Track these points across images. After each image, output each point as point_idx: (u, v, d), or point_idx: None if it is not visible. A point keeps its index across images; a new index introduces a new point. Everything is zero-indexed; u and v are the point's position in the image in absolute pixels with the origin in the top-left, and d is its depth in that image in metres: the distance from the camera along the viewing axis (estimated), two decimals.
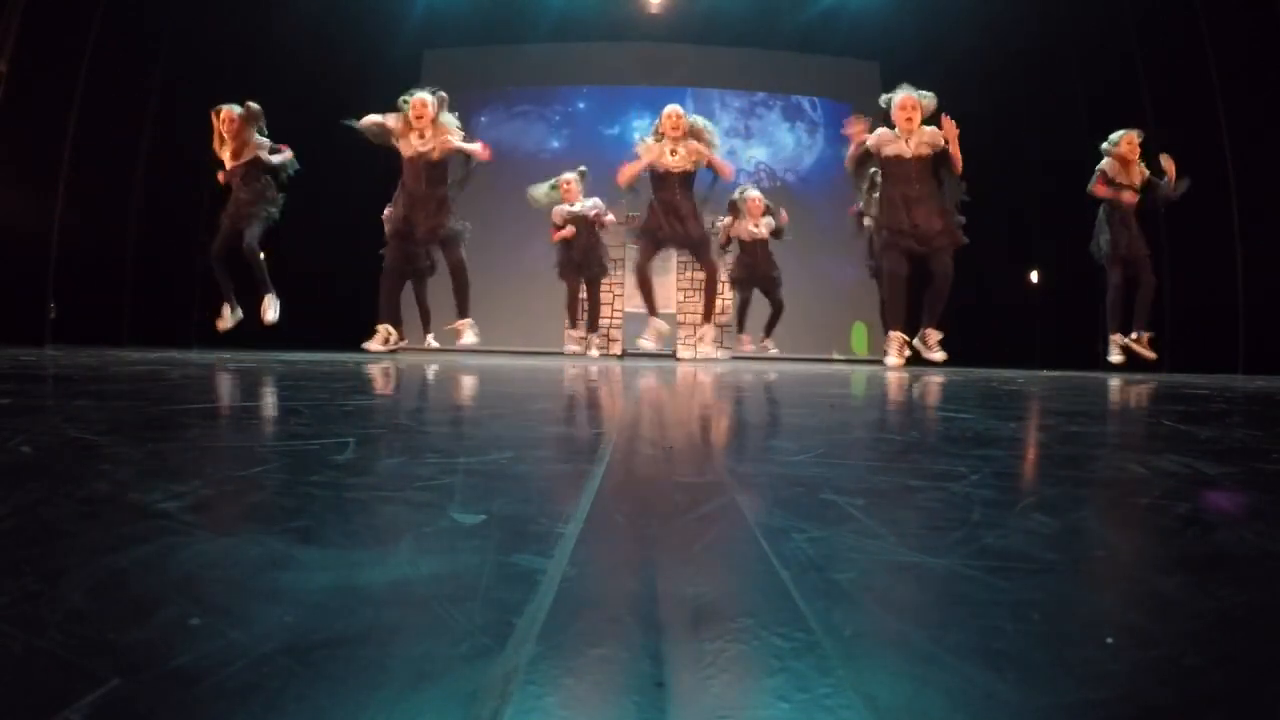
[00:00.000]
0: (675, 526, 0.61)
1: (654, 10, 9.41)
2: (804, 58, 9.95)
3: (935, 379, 3.69)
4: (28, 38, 5.47)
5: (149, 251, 6.68)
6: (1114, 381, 3.78)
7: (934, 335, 4.75)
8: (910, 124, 4.57)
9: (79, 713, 0.28)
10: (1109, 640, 0.38)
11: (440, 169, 4.79)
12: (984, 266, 6.20)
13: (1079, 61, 7.51)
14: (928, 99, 4.63)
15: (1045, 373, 5.11)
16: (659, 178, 5.01)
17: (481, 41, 9.74)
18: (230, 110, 5.17)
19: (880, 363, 5.10)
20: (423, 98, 4.80)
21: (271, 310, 5.10)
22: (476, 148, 4.75)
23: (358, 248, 6.71)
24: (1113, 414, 1.93)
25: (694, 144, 4.92)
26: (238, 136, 5.16)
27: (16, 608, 0.38)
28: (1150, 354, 5.24)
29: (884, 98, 4.84)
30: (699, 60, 10.00)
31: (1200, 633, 0.39)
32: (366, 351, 4.76)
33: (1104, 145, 5.34)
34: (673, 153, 4.94)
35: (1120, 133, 5.28)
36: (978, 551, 0.54)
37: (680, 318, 8.94)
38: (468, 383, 2.68)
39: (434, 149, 4.69)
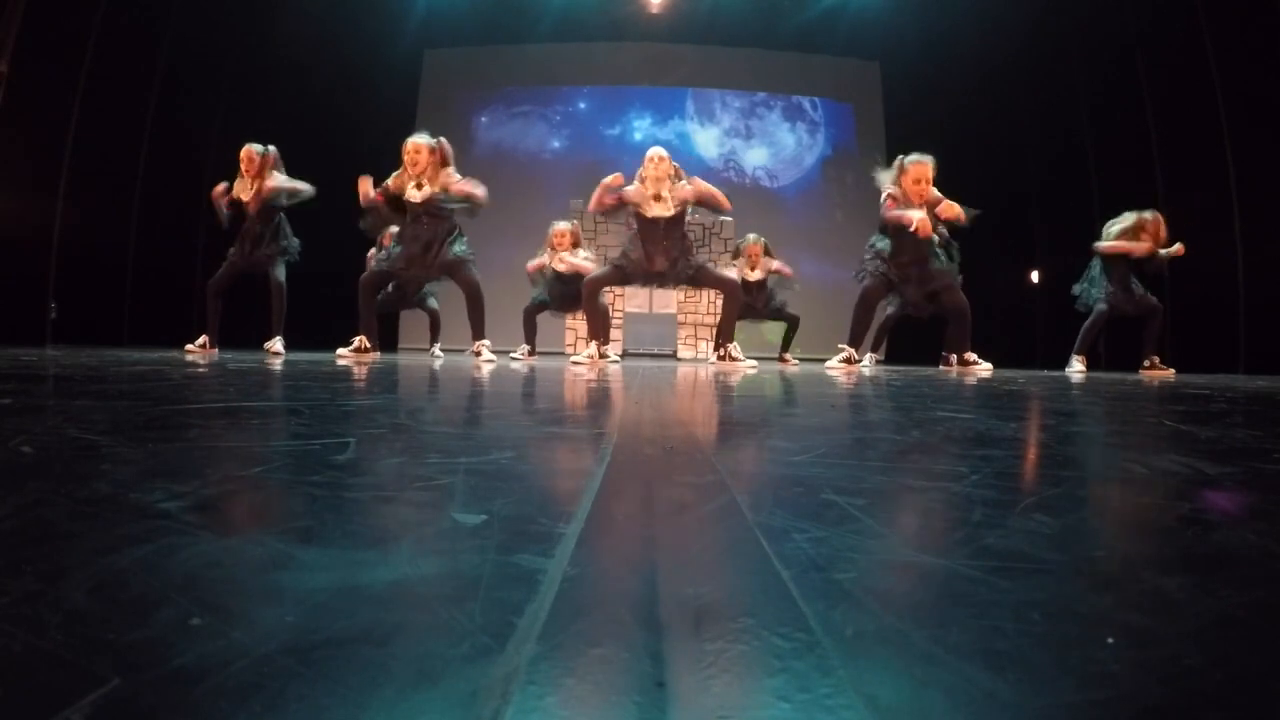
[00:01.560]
0: (675, 526, 0.61)
1: (654, 10, 9.42)
2: (804, 58, 9.96)
3: (936, 379, 3.70)
4: (28, 38, 5.48)
5: (149, 251, 6.69)
6: (1114, 382, 3.78)
7: (971, 356, 5.00)
8: (923, 196, 4.72)
9: (79, 713, 0.28)
10: (1109, 640, 0.38)
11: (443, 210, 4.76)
12: (984, 266, 6.21)
13: (1079, 61, 7.51)
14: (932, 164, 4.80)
15: (1046, 372, 5.11)
16: (646, 223, 4.83)
17: (481, 41, 9.75)
18: (251, 148, 5.22)
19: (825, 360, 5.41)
20: (418, 143, 4.74)
21: (278, 345, 5.17)
22: (478, 193, 4.70)
23: (357, 247, 6.71)
24: (1113, 414, 1.93)
25: (681, 187, 4.77)
26: (259, 175, 5.19)
27: (16, 608, 0.38)
28: (1168, 371, 5.43)
29: (902, 160, 4.86)
30: (699, 60, 10.01)
31: (1200, 633, 0.39)
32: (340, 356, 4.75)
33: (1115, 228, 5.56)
34: (657, 198, 4.76)
35: (1133, 215, 5.50)
36: (978, 551, 0.54)
37: (680, 317, 8.96)
38: (468, 383, 2.68)
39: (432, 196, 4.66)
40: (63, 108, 5.80)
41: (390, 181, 4.75)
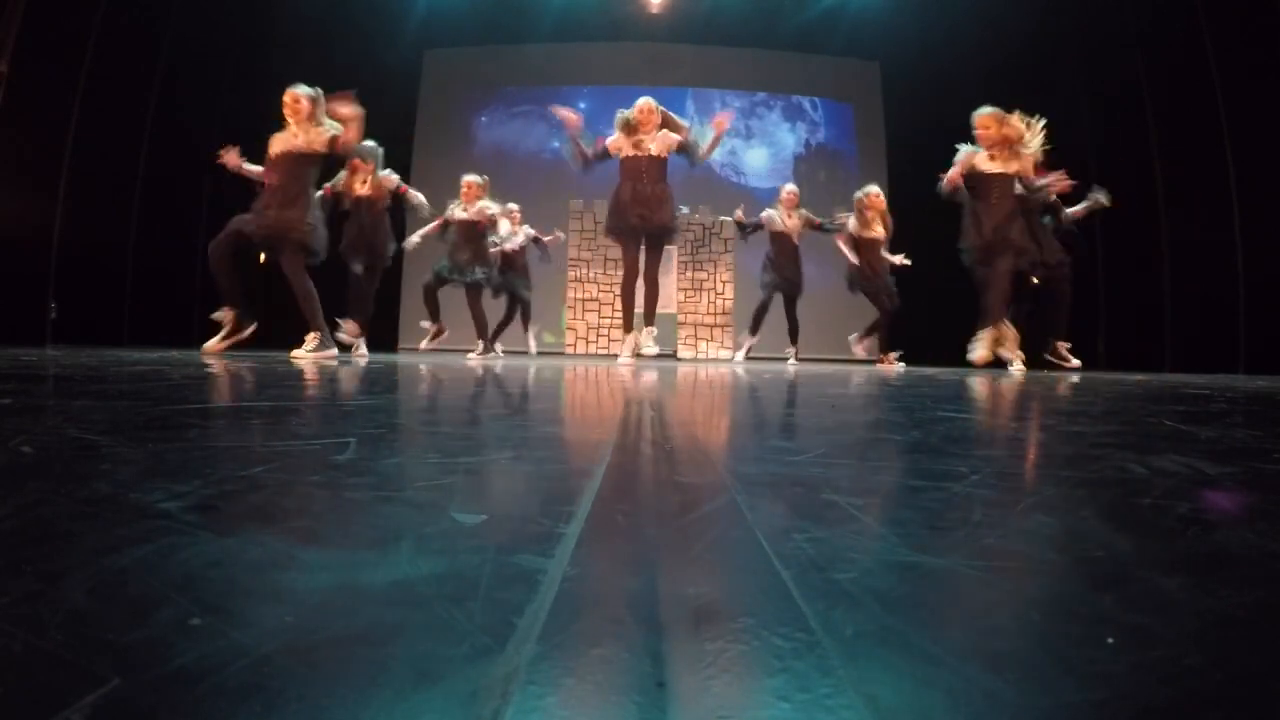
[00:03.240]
0: (675, 526, 0.61)
1: (654, 10, 9.42)
2: (804, 58, 9.96)
3: (936, 379, 3.70)
4: (28, 38, 5.48)
5: (149, 251, 6.69)
6: (1114, 382, 3.78)
7: (1065, 345, 5.12)
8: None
9: (79, 713, 0.28)
10: (1109, 640, 0.38)
11: (303, 160, 4.39)
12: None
13: (1079, 61, 7.51)
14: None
15: (1045, 372, 5.11)
16: (628, 161, 4.85)
17: (481, 41, 9.75)
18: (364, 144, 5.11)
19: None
20: (294, 92, 4.52)
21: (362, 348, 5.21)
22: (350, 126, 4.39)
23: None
24: (1113, 414, 1.93)
25: (667, 134, 4.84)
26: (370, 171, 5.24)
27: (16, 608, 0.38)
28: (1075, 361, 5.20)
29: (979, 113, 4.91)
30: (699, 60, 10.01)
31: (1200, 633, 0.39)
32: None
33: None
34: (637, 145, 4.84)
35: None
36: (978, 551, 0.54)
37: (680, 317, 8.95)
38: (467, 383, 2.68)
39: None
40: (63, 108, 5.80)
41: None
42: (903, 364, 6.35)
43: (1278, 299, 5.63)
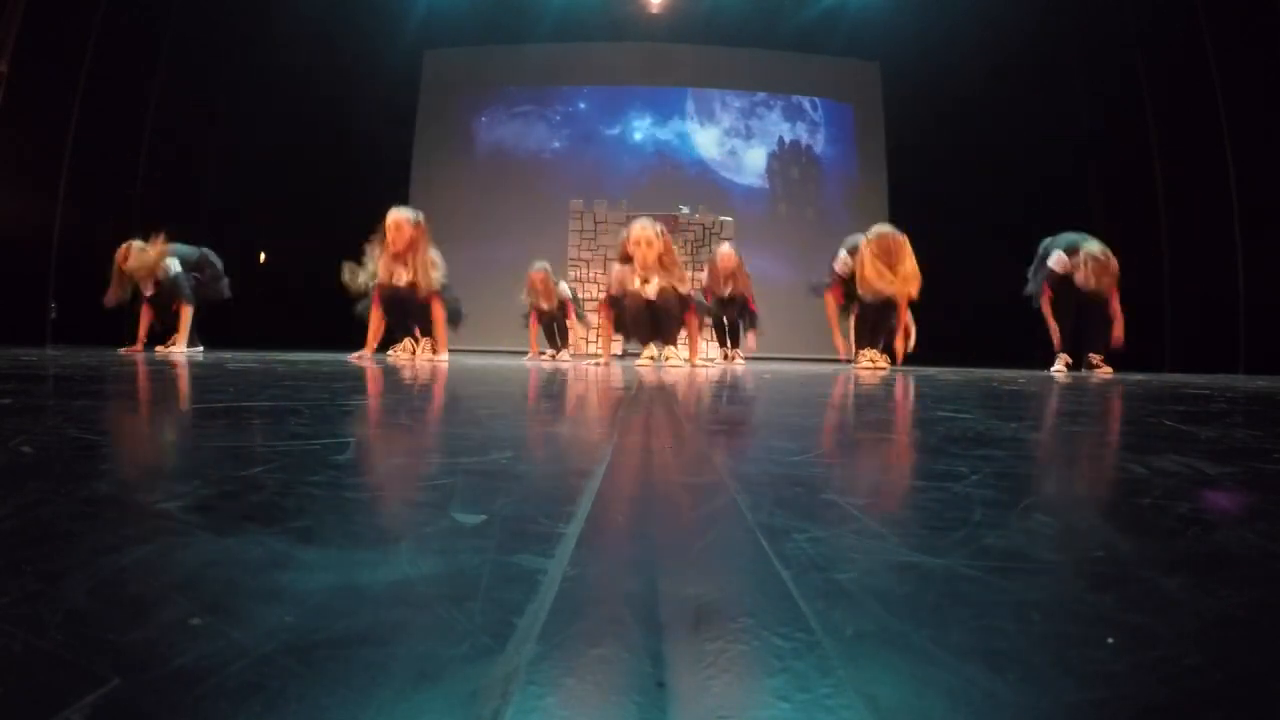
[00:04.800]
0: (675, 526, 0.61)
1: (654, 10, 9.42)
2: (804, 58, 9.95)
3: (937, 379, 3.69)
4: (28, 38, 5.48)
5: None
6: (1114, 382, 3.78)
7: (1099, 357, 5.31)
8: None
9: (79, 713, 0.28)
10: (1109, 640, 0.38)
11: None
12: (984, 267, 6.20)
13: (1079, 61, 7.51)
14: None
15: (1046, 372, 5.11)
16: (631, 297, 4.65)
17: (481, 41, 9.74)
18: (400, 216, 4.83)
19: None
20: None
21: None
22: None
23: (353, 249, 6.70)
24: (1113, 414, 1.93)
25: (670, 274, 4.62)
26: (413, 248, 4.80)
27: (16, 608, 0.38)
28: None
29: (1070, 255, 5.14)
30: (699, 60, 10.00)
31: (1200, 633, 0.39)
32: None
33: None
34: (644, 282, 4.63)
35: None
36: (978, 551, 0.54)
37: None
38: (468, 383, 2.68)
39: None
40: (63, 108, 5.81)
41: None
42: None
43: (1278, 299, 5.63)
